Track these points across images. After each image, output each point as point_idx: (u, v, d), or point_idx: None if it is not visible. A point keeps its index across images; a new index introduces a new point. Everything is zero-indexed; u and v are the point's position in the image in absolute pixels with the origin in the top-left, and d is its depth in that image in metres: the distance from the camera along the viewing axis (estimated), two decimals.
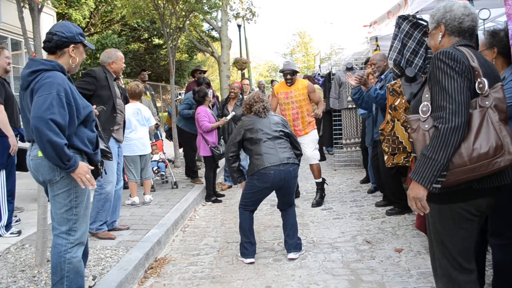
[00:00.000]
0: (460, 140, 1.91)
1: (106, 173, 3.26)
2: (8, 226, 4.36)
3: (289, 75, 5.57)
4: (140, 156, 5.53)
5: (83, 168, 2.54)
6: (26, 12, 3.59)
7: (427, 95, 2.06)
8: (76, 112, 2.57)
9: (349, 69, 7.88)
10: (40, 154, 2.53)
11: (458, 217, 2.05)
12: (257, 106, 4.02)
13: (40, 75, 2.50)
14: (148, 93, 8.52)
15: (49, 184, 2.62)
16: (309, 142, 5.66)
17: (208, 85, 7.34)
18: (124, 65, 4.46)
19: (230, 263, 3.87)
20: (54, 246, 2.64)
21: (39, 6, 3.57)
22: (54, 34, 2.63)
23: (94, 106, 3.21)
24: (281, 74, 5.81)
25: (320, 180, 5.73)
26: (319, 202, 5.63)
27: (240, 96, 6.95)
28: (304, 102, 5.60)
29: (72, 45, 2.68)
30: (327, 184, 6.04)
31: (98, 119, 3.07)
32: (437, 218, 2.10)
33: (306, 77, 9.41)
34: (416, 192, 1.99)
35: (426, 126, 2.02)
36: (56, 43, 2.64)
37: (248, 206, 3.95)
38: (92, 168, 2.64)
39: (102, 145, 2.89)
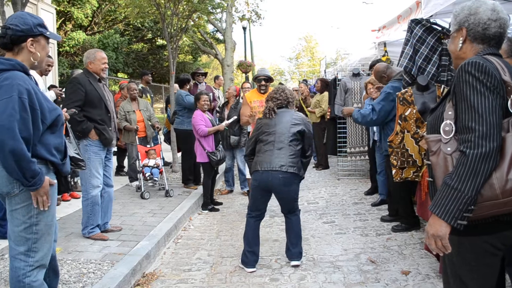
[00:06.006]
0: (492, 168, 1.61)
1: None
2: None
3: (264, 81, 5.18)
4: None
5: (45, 186, 2.24)
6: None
7: (450, 112, 1.76)
8: (41, 116, 2.26)
9: (356, 75, 7.61)
10: None
11: (481, 252, 1.75)
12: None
13: None
14: (148, 95, 8.30)
15: (7, 198, 2.30)
16: None
17: (188, 81, 7.30)
18: (105, 66, 4.21)
19: (223, 281, 3.58)
20: (12, 269, 2.33)
21: (23, 0, 3.30)
22: (8, 28, 2.29)
23: (64, 109, 2.93)
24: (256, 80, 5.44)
25: None
26: None
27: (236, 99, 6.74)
28: None
29: (30, 38, 2.33)
30: None
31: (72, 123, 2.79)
32: (455, 251, 1.78)
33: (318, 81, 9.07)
34: (437, 229, 1.68)
35: (449, 149, 1.72)
36: (11, 38, 2.29)
37: (251, 211, 3.87)
38: (55, 183, 2.34)
39: (72, 153, 2.58)
